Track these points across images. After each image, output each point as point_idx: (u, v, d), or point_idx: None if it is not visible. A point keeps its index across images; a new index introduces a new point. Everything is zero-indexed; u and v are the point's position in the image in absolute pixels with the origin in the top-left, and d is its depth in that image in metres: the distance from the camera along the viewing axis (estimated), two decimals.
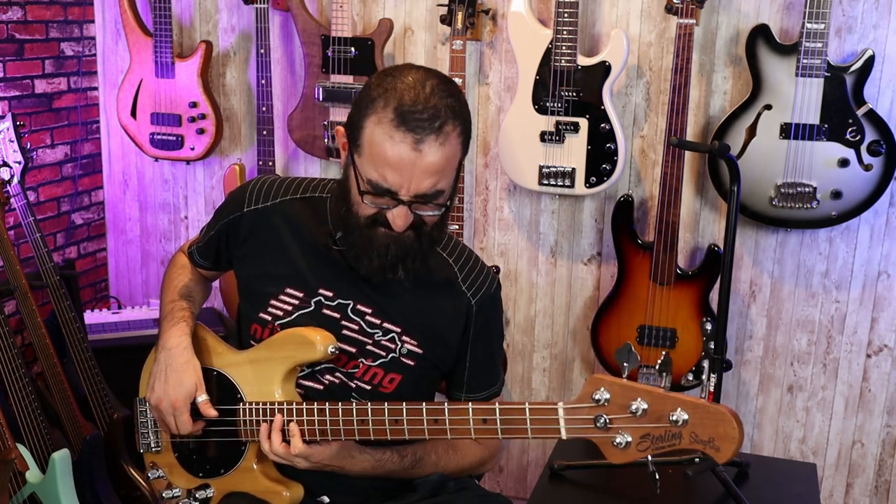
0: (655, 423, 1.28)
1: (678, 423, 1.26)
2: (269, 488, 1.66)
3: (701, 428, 1.25)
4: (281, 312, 1.69)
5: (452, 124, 1.49)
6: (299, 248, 1.69)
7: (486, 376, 1.75)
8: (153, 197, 3.39)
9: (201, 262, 1.87)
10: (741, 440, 1.23)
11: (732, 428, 1.22)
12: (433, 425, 1.48)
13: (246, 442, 1.67)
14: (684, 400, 1.26)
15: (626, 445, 1.30)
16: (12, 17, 2.96)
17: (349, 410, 1.53)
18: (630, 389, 1.30)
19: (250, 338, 1.73)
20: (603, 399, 1.31)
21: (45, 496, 2.27)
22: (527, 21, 2.71)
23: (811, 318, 2.81)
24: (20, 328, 2.89)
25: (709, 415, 1.24)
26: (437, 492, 1.73)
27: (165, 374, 1.66)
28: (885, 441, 2.82)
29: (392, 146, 1.46)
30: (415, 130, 1.46)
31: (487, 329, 1.73)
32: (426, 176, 1.48)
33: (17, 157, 2.62)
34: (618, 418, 1.30)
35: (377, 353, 1.67)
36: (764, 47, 2.54)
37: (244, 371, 1.68)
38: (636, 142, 2.85)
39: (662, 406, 1.27)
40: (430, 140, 1.47)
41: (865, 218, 2.68)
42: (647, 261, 2.69)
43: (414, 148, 1.46)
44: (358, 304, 1.67)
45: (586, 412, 1.33)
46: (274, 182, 1.76)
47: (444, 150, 1.48)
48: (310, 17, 2.92)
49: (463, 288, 1.69)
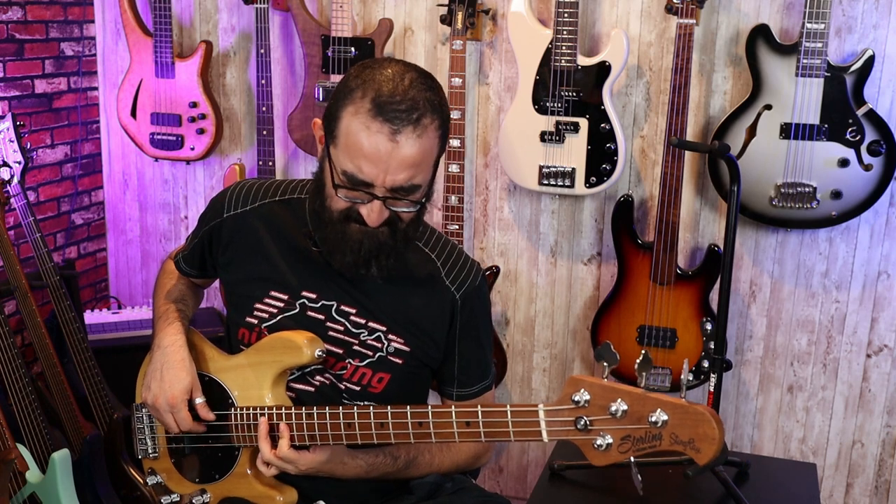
0: (636, 424, 1.26)
1: (658, 424, 1.23)
2: (263, 493, 1.66)
3: (681, 429, 1.22)
4: (266, 315, 1.68)
5: (430, 117, 1.48)
6: (280, 250, 1.69)
7: (476, 371, 1.74)
8: (153, 197, 3.39)
9: (188, 270, 1.86)
10: (721, 440, 1.20)
11: (712, 429, 1.20)
12: (418, 429, 1.46)
13: (239, 447, 1.67)
14: (664, 401, 1.24)
15: (606, 447, 1.28)
16: (12, 17, 2.96)
17: (336, 415, 1.53)
18: (610, 390, 1.28)
19: (239, 343, 1.72)
20: (583, 401, 1.30)
21: (45, 496, 2.27)
22: (527, 21, 2.71)
23: (811, 318, 2.81)
24: (20, 328, 2.89)
25: (688, 415, 1.22)
26: (434, 493, 1.72)
27: (161, 372, 1.66)
28: (885, 441, 2.82)
29: (368, 136, 1.45)
30: (392, 121, 1.44)
31: (474, 323, 1.71)
32: (402, 169, 1.47)
33: (17, 157, 2.62)
34: (598, 420, 1.29)
35: (364, 353, 1.66)
36: (764, 47, 2.54)
37: (235, 376, 1.68)
38: (636, 142, 2.85)
39: (642, 407, 1.25)
40: (407, 131, 1.45)
41: (865, 218, 2.68)
42: (647, 261, 2.69)
43: (391, 139, 1.44)
44: (342, 305, 1.66)
45: (567, 414, 1.31)
46: (252, 186, 1.75)
47: (421, 142, 1.47)
48: (310, 17, 2.92)
49: (447, 283, 1.68)
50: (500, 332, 3.05)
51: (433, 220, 3.05)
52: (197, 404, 1.65)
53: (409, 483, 1.72)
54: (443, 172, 2.80)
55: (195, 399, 1.65)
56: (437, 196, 3.01)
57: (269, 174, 2.98)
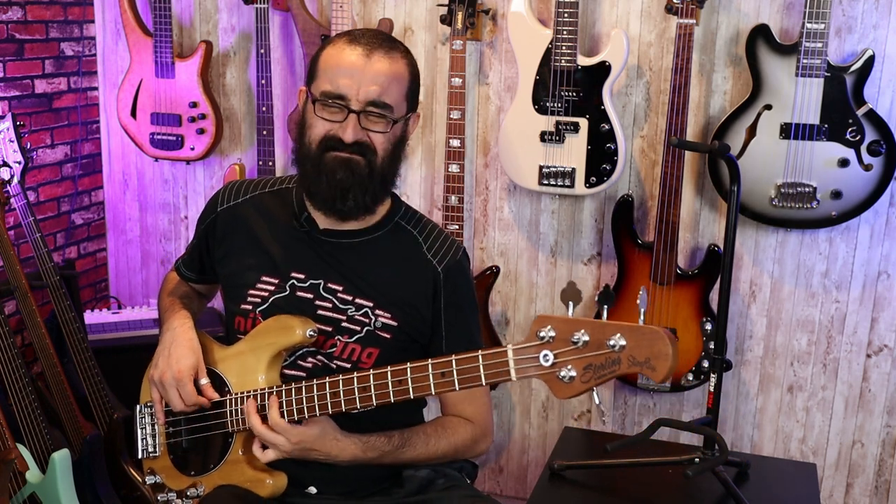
0: (596, 350, 1.32)
1: (616, 349, 1.29)
2: (254, 477, 1.68)
3: (637, 350, 1.28)
4: (259, 300, 1.74)
5: (401, 52, 1.67)
6: (271, 235, 1.76)
7: (464, 345, 1.74)
8: (153, 197, 3.39)
9: (188, 274, 1.93)
10: (675, 357, 1.27)
11: (665, 345, 1.26)
12: (397, 386, 1.50)
13: (233, 433, 1.70)
14: (622, 325, 1.30)
15: (570, 379, 1.33)
16: (12, 17, 2.96)
17: (322, 385, 1.57)
18: (573, 323, 1.34)
19: (236, 332, 1.77)
20: (548, 336, 1.35)
21: (45, 496, 2.27)
22: (527, 21, 2.71)
23: (811, 318, 2.81)
24: (20, 328, 2.89)
25: (643, 336, 1.28)
26: (426, 489, 1.73)
27: (169, 350, 1.72)
28: (885, 441, 2.82)
29: (344, 54, 1.63)
30: (365, 45, 1.63)
31: (458, 295, 1.76)
32: (374, 81, 1.61)
33: (17, 157, 2.62)
34: (562, 352, 1.34)
35: (352, 328, 1.70)
36: (764, 47, 2.54)
37: (231, 364, 1.72)
38: (636, 142, 2.85)
39: (602, 334, 1.31)
40: (379, 52, 1.63)
41: (865, 218, 2.68)
42: (647, 261, 2.69)
43: (364, 55, 1.62)
44: (329, 283, 1.71)
45: (533, 351, 1.37)
46: (245, 181, 1.84)
47: (391, 63, 1.63)
48: (310, 17, 2.92)
49: (428, 256, 1.74)
50: (500, 332, 3.05)
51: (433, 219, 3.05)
52: (202, 385, 1.70)
53: (401, 475, 1.74)
54: (443, 172, 2.80)
55: (200, 380, 1.70)
56: (437, 196, 3.01)
57: (269, 174, 2.98)
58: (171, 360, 1.70)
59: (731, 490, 2.07)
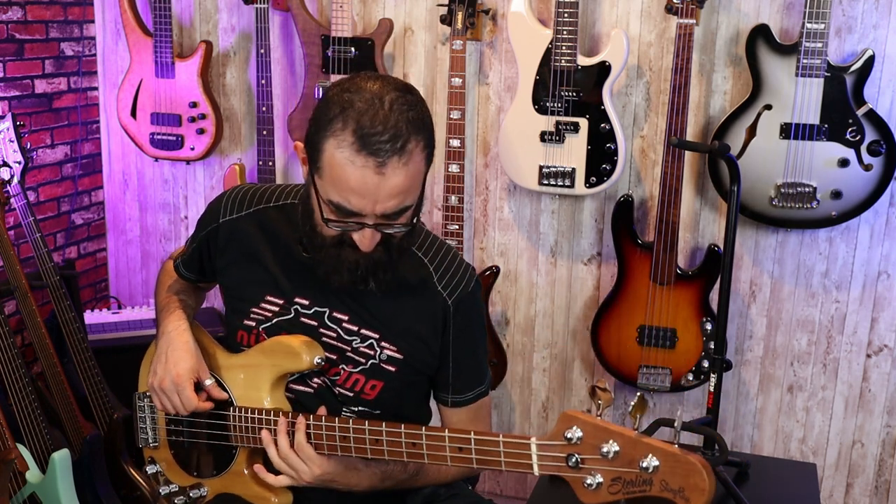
0: (627, 467, 1.25)
1: (649, 470, 1.22)
2: (258, 494, 1.66)
3: (671, 476, 1.21)
4: (263, 318, 1.69)
5: (415, 140, 1.44)
6: (275, 256, 1.68)
7: (472, 377, 1.73)
8: (153, 197, 3.39)
9: (188, 274, 1.86)
10: (712, 492, 1.18)
11: (703, 480, 1.18)
12: (411, 448, 1.46)
13: (237, 446, 1.67)
14: (656, 446, 1.23)
15: (597, 487, 1.27)
16: (12, 17, 2.96)
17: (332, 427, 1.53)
18: (603, 431, 1.27)
19: (238, 345, 1.73)
20: (575, 438, 1.29)
21: (45, 496, 2.27)
22: (527, 21, 2.71)
23: (811, 318, 2.81)
24: (20, 328, 2.89)
25: (679, 464, 1.20)
26: (430, 502, 1.73)
27: (166, 355, 1.67)
28: (885, 441, 2.82)
29: (354, 171, 1.42)
30: (377, 154, 1.41)
31: (468, 329, 1.70)
32: (391, 197, 1.45)
33: (17, 157, 2.62)
34: (589, 459, 1.28)
35: (357, 359, 1.65)
36: (764, 47, 2.54)
37: (234, 375, 1.69)
38: (636, 142, 2.85)
39: (634, 450, 1.24)
40: (392, 162, 1.42)
41: (865, 218, 2.68)
42: (647, 261, 2.69)
43: (377, 172, 1.41)
44: (334, 312, 1.65)
45: (559, 450, 1.30)
46: (248, 191, 1.74)
47: (407, 169, 1.44)
48: (310, 17, 2.92)
49: (438, 288, 1.65)
50: (500, 332, 3.05)
51: (433, 220, 3.05)
52: (207, 385, 1.66)
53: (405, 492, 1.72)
54: (443, 172, 2.80)
55: (204, 381, 1.66)
56: (437, 196, 3.01)
57: (269, 174, 2.98)
58: (168, 365, 1.66)
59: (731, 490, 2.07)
